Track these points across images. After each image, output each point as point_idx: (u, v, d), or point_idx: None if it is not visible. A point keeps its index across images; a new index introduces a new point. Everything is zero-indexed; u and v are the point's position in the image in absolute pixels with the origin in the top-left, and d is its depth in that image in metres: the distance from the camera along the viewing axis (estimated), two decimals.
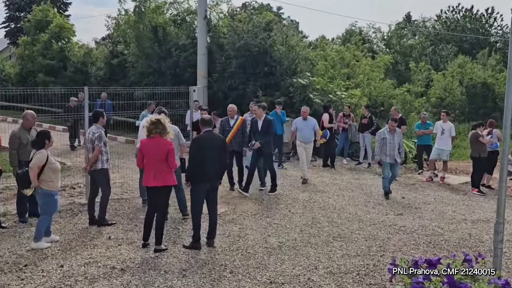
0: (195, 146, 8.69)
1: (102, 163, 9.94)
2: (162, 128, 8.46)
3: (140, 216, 10.52)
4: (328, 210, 11.48)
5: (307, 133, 14.40)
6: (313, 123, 14.51)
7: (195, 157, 8.61)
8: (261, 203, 12.04)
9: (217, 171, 8.81)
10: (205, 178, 8.64)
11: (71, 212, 10.88)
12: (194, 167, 8.61)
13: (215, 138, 8.90)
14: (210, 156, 8.64)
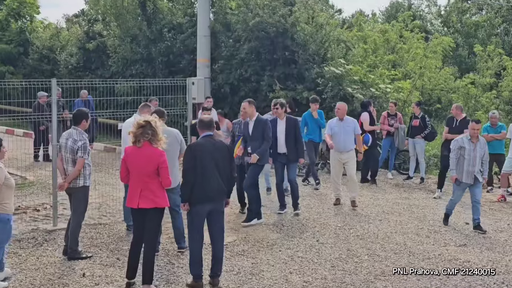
0: (189, 156, 8.67)
1: (84, 179, 9.96)
2: (152, 133, 8.48)
3: (123, 247, 10.53)
4: (368, 240, 11.43)
5: (345, 139, 14.00)
6: (353, 125, 14.18)
7: (189, 170, 8.61)
8: (281, 230, 12.02)
9: (220, 189, 8.78)
10: (204, 198, 8.63)
11: (35, 241, 10.93)
12: (188, 184, 8.61)
13: (217, 145, 8.88)
14: (211, 168, 8.64)
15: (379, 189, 16.56)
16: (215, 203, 8.75)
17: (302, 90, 20.85)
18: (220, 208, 8.86)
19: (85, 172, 9.90)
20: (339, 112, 14.20)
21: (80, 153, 9.78)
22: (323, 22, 23.13)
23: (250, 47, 22.55)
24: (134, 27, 26.93)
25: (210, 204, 8.68)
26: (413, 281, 9.22)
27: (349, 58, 23.07)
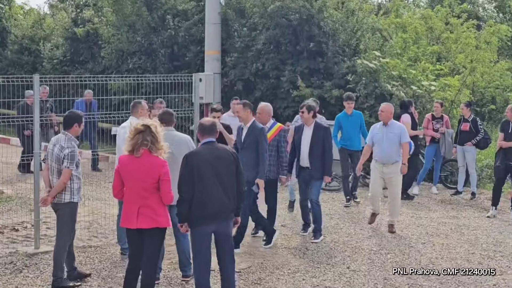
0: (185, 168, 8.61)
1: (72, 194, 9.94)
2: (152, 140, 8.50)
3: (117, 274, 10.56)
4: (408, 267, 11.38)
5: (388, 149, 13.61)
6: (398, 132, 13.67)
7: (185, 185, 8.56)
8: (304, 254, 12.01)
9: (224, 206, 8.72)
10: (205, 218, 8.59)
11: (13, 266, 10.96)
12: (185, 201, 8.58)
13: (220, 154, 8.81)
14: (211, 182, 8.60)
15: (421, 206, 16.51)
16: (220, 223, 8.70)
17: (330, 88, 20.83)
18: (226, 229, 8.81)
19: (72, 186, 9.88)
20: (382, 115, 13.78)
21: (66, 162, 9.74)
22: (355, 8, 23.10)
23: (268, 37, 22.56)
24: (132, 14, 27.01)
25: (213, 224, 8.64)
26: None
27: (385, 50, 23.03)
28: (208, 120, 9.10)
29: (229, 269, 8.91)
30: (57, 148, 9.83)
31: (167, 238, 9.19)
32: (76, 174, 9.93)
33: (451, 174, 19.10)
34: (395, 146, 13.53)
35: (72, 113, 10.22)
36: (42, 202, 10.13)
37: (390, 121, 13.73)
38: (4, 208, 15.01)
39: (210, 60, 23.14)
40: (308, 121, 12.90)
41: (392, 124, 13.74)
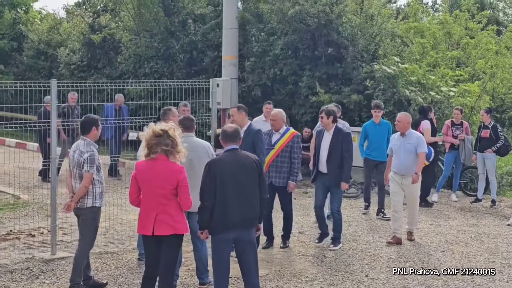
0: (207, 176, 8.61)
1: (94, 199, 9.99)
2: (171, 144, 8.48)
3: (134, 281, 10.56)
4: (427, 275, 11.32)
5: (406, 159, 13.31)
6: (416, 142, 13.34)
7: (207, 192, 8.56)
8: (322, 262, 11.98)
9: (246, 214, 8.71)
10: (226, 225, 8.58)
11: (29, 272, 10.98)
12: (207, 209, 8.57)
13: (243, 161, 8.82)
14: (234, 189, 8.59)
15: (441, 214, 16.44)
16: (242, 231, 8.68)
17: (349, 93, 20.77)
18: (248, 236, 8.79)
19: (94, 190, 9.93)
20: (399, 126, 13.46)
21: (86, 166, 9.80)
22: (374, 13, 23.06)
23: (286, 42, 22.54)
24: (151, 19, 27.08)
25: (235, 232, 8.63)
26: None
27: (404, 55, 22.96)
28: (231, 127, 9.06)
29: (255, 277, 8.88)
30: (77, 154, 9.89)
31: (184, 245, 9.18)
32: (98, 179, 9.98)
33: (471, 181, 19.00)
34: (413, 157, 13.27)
35: (88, 117, 10.24)
36: (65, 208, 10.15)
37: (408, 131, 13.43)
38: (21, 214, 15.06)
39: (227, 65, 23.11)
40: (328, 126, 12.78)
41: (410, 134, 13.46)
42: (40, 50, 32.94)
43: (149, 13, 27.15)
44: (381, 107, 16.13)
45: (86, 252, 10.09)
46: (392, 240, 13.32)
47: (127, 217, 13.77)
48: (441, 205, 17.32)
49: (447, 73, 22.34)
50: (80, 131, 10.13)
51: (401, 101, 19.70)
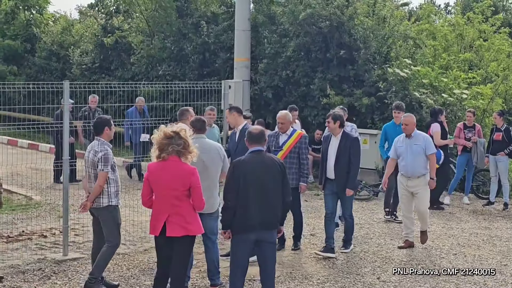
0: (232, 176, 8.69)
1: (109, 198, 10.10)
2: (182, 144, 8.51)
3: (145, 282, 10.59)
4: (439, 278, 11.31)
5: (413, 161, 13.05)
6: (423, 144, 13.08)
7: (231, 192, 8.63)
8: (334, 264, 11.98)
9: (269, 215, 8.75)
10: (248, 226, 8.63)
11: (41, 273, 11.02)
12: (230, 209, 8.63)
13: (267, 163, 8.84)
14: (258, 191, 8.64)
15: (453, 217, 16.40)
16: (263, 232, 8.72)
17: (361, 96, 20.77)
18: (269, 238, 8.83)
19: (109, 190, 10.04)
20: (406, 129, 13.14)
21: (100, 165, 9.91)
22: (386, 15, 23.04)
23: (298, 44, 22.55)
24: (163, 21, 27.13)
25: (256, 233, 8.67)
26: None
27: (417, 57, 22.93)
28: (257, 129, 9.11)
29: (270, 279, 8.93)
30: (92, 154, 10.00)
31: (195, 246, 9.20)
32: (113, 178, 10.08)
33: (483, 184, 18.95)
34: (420, 159, 12.99)
35: (100, 118, 10.39)
36: (81, 208, 10.23)
37: (414, 132, 13.14)
38: (33, 214, 15.11)
39: (239, 67, 23.13)
40: (335, 131, 12.47)
41: (416, 135, 13.15)
42: (53, 52, 33.04)
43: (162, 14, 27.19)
44: (402, 108, 15.77)
45: (114, 249, 10.21)
46: (404, 244, 13.23)
47: (139, 219, 13.80)
48: (453, 208, 17.28)
49: (460, 76, 22.30)
50: (94, 132, 10.25)
51: (412, 103, 19.67)
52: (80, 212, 10.65)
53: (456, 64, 24.19)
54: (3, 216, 14.44)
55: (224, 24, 25.46)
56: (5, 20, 35.42)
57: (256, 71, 23.61)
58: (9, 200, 16.63)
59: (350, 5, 22.17)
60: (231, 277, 8.83)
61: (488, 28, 27.02)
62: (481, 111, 21.25)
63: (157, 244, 8.79)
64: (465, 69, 23.92)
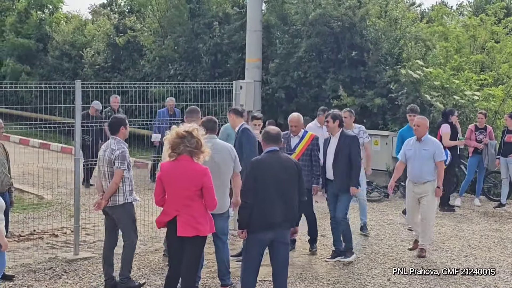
0: (250, 175, 8.73)
1: (124, 196, 10.16)
2: (195, 144, 8.54)
3: (156, 282, 10.62)
4: (450, 280, 11.30)
5: (420, 166, 12.60)
6: (432, 149, 12.60)
7: (249, 192, 8.66)
8: (344, 266, 11.98)
9: (285, 215, 8.81)
10: (265, 225, 8.67)
11: (52, 272, 11.07)
12: (248, 208, 8.66)
13: (285, 163, 8.90)
14: (275, 191, 8.68)
15: (463, 219, 16.37)
16: (279, 232, 8.78)
17: (372, 97, 20.76)
18: (284, 237, 8.89)
19: (124, 188, 10.10)
20: (418, 130, 12.66)
21: (117, 163, 9.98)
22: (398, 16, 23.01)
23: (309, 44, 22.56)
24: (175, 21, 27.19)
25: (272, 232, 8.72)
26: None
27: (428, 59, 22.90)
28: (274, 129, 9.16)
29: (282, 279, 8.97)
30: (108, 152, 10.08)
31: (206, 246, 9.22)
32: (128, 176, 10.15)
33: (494, 186, 18.90)
34: (428, 164, 12.50)
35: (116, 117, 10.49)
36: (96, 206, 10.27)
37: (425, 136, 12.66)
38: (44, 214, 15.18)
39: (250, 67, 23.14)
40: (334, 130, 12.24)
41: (426, 140, 12.67)
42: (65, 51, 33.14)
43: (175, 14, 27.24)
44: (416, 111, 15.21)
45: (134, 244, 10.30)
46: (414, 245, 13.10)
47: (150, 219, 13.84)
48: (464, 209, 17.25)
49: (471, 77, 22.24)
50: (110, 131, 10.34)
51: (423, 106, 19.65)
52: (95, 210, 10.64)
53: (467, 66, 24.13)
54: (15, 215, 14.49)
55: (236, 24, 25.49)
56: (19, 19, 35.55)
57: (268, 71, 23.63)
58: (20, 199, 16.73)
59: (362, 6, 22.16)
60: (244, 276, 8.87)
61: (501, 30, 26.95)
62: (493, 113, 21.20)
63: (168, 243, 8.87)
64: (476, 71, 23.85)
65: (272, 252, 8.84)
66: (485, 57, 25.17)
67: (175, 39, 27.12)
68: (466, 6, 42.69)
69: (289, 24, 24.05)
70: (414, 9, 32.28)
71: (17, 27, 35.33)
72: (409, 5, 31.58)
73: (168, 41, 27.33)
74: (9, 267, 10.88)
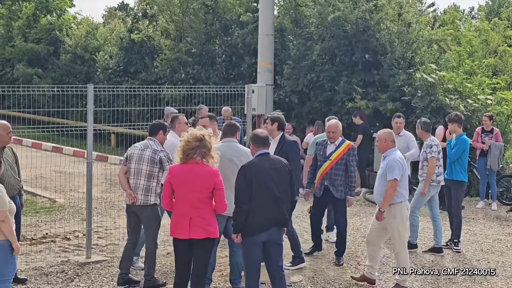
0: (244, 180, 8.79)
1: (156, 196, 10.44)
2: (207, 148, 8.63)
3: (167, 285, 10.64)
4: (462, 284, 11.34)
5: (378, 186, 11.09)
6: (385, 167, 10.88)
7: (244, 196, 8.73)
8: (356, 269, 12.03)
9: (278, 217, 8.94)
10: (259, 228, 8.78)
11: (64, 275, 11.15)
12: (243, 212, 8.72)
13: (277, 166, 9.02)
14: (269, 192, 8.79)
15: (476, 223, 16.35)
16: (272, 233, 8.92)
17: (385, 100, 20.73)
18: (278, 239, 9.04)
19: (156, 189, 10.39)
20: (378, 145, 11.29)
21: (168, 164, 10.20)
22: (411, 20, 23.00)
23: (323, 48, 22.56)
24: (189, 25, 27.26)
25: (266, 234, 8.85)
26: None
27: (441, 62, 22.88)
28: (262, 132, 9.30)
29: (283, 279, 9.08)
30: (149, 152, 10.37)
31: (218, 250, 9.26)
32: (160, 178, 10.38)
33: (507, 190, 18.86)
34: (382, 183, 10.90)
35: (158, 121, 10.97)
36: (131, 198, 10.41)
37: (387, 152, 10.99)
38: (56, 217, 15.25)
39: (262, 71, 23.19)
40: (273, 133, 11.33)
41: (387, 155, 10.94)
42: (77, 55, 33.24)
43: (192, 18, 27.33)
44: (457, 121, 13.90)
45: (156, 242, 10.57)
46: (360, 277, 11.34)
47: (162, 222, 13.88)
48: (476, 213, 17.22)
49: (484, 81, 22.22)
50: (149, 133, 10.67)
51: (439, 109, 19.63)
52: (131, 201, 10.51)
53: (480, 70, 24.11)
54: (27, 219, 14.58)
55: (249, 28, 25.53)
56: (27, 24, 35.70)
57: (281, 75, 23.66)
58: (33, 202, 16.84)
59: (378, 9, 22.14)
60: (248, 280, 8.97)
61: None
62: (506, 117, 21.16)
63: (177, 246, 8.90)
64: (489, 75, 23.83)
65: (266, 254, 8.95)
66: (497, 61, 25.18)
67: (190, 42, 27.19)
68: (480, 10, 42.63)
69: (302, 27, 24.06)
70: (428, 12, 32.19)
71: (26, 32, 35.46)
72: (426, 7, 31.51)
73: (184, 44, 27.40)
74: (22, 270, 10.99)
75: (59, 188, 17.89)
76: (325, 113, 21.53)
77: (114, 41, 31.83)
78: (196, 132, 8.69)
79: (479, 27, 27.34)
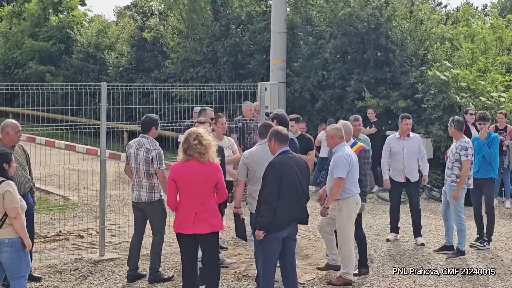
0: (274, 177, 8.80)
1: (159, 192, 10.59)
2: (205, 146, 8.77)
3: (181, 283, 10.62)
4: (476, 282, 11.29)
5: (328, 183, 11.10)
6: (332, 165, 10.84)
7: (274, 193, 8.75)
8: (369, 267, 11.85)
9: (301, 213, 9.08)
10: (285, 223, 8.86)
11: (78, 273, 11.17)
12: (273, 209, 8.72)
13: (300, 164, 9.10)
14: (295, 189, 8.87)
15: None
16: (292, 229, 9.08)
17: (397, 98, 20.68)
18: (295, 234, 9.21)
19: (159, 185, 10.51)
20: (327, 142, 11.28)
21: (156, 164, 10.41)
22: (425, 17, 22.91)
23: (335, 45, 22.51)
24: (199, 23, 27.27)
25: (288, 230, 8.95)
26: None
27: (454, 60, 22.81)
28: (283, 129, 9.33)
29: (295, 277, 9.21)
30: (143, 151, 10.45)
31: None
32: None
33: None
34: (330, 181, 10.78)
35: (148, 117, 10.78)
36: None
37: (335, 148, 10.86)
38: (70, 215, 15.29)
39: (275, 69, 23.18)
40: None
41: (335, 152, 10.82)
42: (89, 53, 33.32)
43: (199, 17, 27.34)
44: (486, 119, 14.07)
45: (162, 240, 10.75)
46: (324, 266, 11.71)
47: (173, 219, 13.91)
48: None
49: (497, 79, 22.13)
50: (142, 129, 10.68)
51: (451, 107, 19.57)
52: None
53: (493, 67, 24.02)
54: (41, 216, 14.60)
55: (260, 25, 25.50)
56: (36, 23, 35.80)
57: (293, 72, 23.64)
58: (46, 200, 16.89)
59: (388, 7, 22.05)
60: (265, 276, 9.00)
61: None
62: None
63: (182, 241, 9.05)
64: (502, 72, 23.73)
65: (282, 250, 9.00)
66: (511, 59, 25.05)
67: (200, 40, 27.19)
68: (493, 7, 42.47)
69: (313, 25, 24.04)
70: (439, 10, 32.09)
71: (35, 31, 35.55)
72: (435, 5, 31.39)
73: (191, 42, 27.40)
74: (35, 267, 11.01)
75: (72, 186, 17.93)
76: (336, 110, 21.53)
77: (125, 39, 31.86)
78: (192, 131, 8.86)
79: (493, 24, 27.20)
